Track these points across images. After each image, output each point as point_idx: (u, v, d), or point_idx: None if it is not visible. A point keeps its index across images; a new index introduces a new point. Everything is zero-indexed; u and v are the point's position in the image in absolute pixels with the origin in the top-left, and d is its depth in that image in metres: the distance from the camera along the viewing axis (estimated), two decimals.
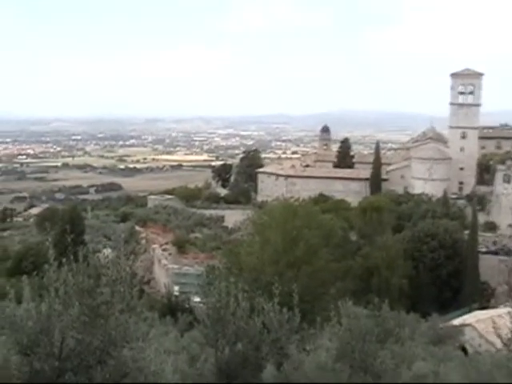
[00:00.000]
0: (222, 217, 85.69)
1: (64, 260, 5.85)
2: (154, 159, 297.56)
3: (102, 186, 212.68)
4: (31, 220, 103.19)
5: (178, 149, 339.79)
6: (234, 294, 6.37)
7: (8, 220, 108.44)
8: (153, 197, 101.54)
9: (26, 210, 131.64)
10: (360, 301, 14.17)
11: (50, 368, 5.60)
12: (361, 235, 57.07)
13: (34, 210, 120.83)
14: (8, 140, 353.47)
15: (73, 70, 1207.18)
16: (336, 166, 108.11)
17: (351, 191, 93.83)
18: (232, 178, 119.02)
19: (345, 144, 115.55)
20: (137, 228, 76.68)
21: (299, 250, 34.17)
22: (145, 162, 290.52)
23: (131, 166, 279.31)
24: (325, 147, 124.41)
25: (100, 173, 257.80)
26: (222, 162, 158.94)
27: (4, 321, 5.72)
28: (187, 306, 36.35)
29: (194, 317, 6.92)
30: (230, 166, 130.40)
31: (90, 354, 5.65)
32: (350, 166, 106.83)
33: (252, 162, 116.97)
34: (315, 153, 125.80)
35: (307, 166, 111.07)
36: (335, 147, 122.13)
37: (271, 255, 34.24)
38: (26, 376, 5.61)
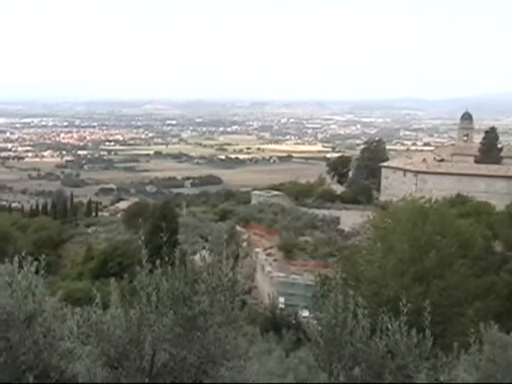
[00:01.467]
0: (338, 218, 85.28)
1: (157, 262, 5.99)
2: (259, 149, 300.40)
3: (199, 179, 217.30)
4: (118, 215, 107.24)
5: (287, 137, 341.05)
6: (352, 310, 6.29)
7: (93, 214, 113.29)
8: (257, 192, 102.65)
9: (112, 204, 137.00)
10: (506, 325, 13.64)
11: None
12: (508, 246, 54.91)
13: (122, 204, 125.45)
14: (95, 124, 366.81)
15: (170, 48, 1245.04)
16: (478, 161, 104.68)
17: (497, 192, 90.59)
18: (350, 173, 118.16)
19: (491, 134, 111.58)
20: (238, 228, 77.83)
21: (429, 260, 33.33)
22: (248, 152, 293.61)
23: (233, 156, 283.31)
24: (465, 138, 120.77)
25: (197, 163, 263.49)
26: (338, 154, 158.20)
27: (90, 328, 5.94)
28: (294, 321, 36.45)
29: (303, 334, 6.86)
30: (349, 158, 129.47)
31: (184, 371, 5.77)
32: (497, 161, 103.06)
33: (375, 154, 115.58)
34: (452, 145, 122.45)
35: (442, 160, 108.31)
36: (478, 138, 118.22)
37: (395, 266, 33.64)
38: None
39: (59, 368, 5.95)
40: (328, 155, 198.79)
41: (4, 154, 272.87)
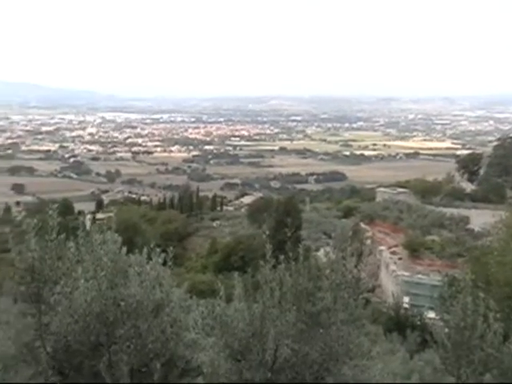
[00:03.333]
0: (467, 217, 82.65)
1: (280, 257, 6.02)
2: (385, 145, 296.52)
3: (323, 175, 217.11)
4: (242, 210, 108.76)
5: (414, 134, 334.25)
6: (482, 313, 6.07)
7: (218, 209, 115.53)
8: (382, 189, 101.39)
9: (237, 199, 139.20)
10: None
11: (261, 379, 5.82)
12: None
13: (246, 199, 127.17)
14: (221, 119, 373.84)
15: (297, 44, 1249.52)
16: None
17: None
18: (481, 171, 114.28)
19: None
20: (362, 225, 77.17)
21: None
22: (374, 149, 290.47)
23: (358, 152, 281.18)
24: None
25: (321, 159, 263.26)
26: (469, 151, 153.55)
27: (214, 320, 6.07)
28: (419, 322, 35.76)
29: (429, 336, 6.68)
30: (480, 155, 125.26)
31: (306, 367, 5.78)
32: None
33: (509, 151, 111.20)
34: None
35: None
36: None
37: None
38: None
39: (185, 358, 6.12)
40: (457, 152, 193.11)
41: (135, 148, 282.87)
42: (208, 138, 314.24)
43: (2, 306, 6.12)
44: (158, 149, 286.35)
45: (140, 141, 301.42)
